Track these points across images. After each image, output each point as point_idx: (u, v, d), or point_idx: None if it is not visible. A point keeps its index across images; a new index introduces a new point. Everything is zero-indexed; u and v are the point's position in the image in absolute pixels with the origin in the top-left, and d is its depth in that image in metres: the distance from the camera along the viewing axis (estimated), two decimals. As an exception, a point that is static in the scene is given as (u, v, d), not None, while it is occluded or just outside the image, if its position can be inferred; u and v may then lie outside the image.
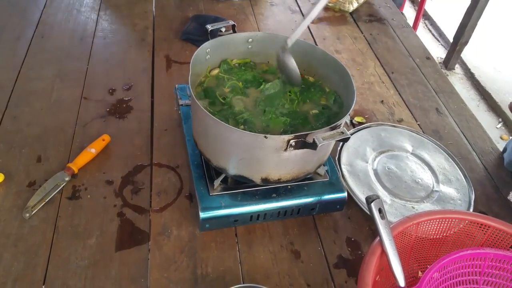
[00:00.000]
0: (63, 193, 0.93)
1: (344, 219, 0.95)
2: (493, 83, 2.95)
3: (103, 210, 0.91)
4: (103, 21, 1.46)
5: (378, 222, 0.70)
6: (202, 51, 0.90)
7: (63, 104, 1.14)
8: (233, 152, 0.81)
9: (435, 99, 1.31)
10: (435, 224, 0.79)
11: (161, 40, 1.40)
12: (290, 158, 0.79)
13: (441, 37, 3.40)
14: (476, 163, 1.12)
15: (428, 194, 1.00)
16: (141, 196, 0.95)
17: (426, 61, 1.47)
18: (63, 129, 1.07)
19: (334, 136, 0.72)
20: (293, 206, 0.89)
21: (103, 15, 1.49)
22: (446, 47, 3.26)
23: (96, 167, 0.99)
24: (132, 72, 1.27)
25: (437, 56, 3.19)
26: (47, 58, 1.29)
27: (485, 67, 3.09)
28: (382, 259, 0.71)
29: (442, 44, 3.36)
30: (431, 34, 3.48)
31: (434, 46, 3.34)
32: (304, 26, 0.87)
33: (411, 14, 3.42)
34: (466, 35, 2.83)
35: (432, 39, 3.44)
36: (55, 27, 1.41)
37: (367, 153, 1.07)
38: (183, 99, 1.06)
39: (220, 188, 0.87)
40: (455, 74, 3.09)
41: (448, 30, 3.29)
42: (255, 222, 0.90)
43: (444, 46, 3.30)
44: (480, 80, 2.97)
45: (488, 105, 2.85)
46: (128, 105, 1.16)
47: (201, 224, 0.85)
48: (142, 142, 1.06)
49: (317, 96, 0.93)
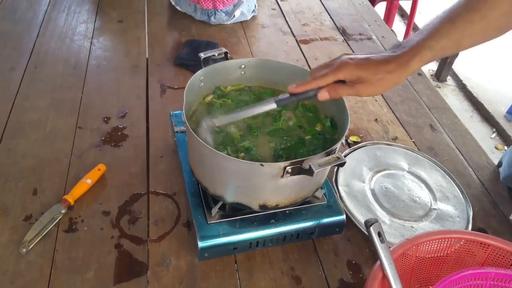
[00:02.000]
0: (59, 226, 0.93)
1: (344, 241, 0.95)
2: (485, 94, 2.98)
3: (101, 242, 0.90)
4: (96, 49, 1.47)
5: (378, 246, 0.70)
6: (196, 79, 0.91)
7: (58, 134, 1.14)
8: (230, 181, 0.81)
9: (429, 115, 1.32)
10: (434, 244, 0.79)
11: (154, 66, 1.41)
12: (287, 184, 0.79)
13: (432, 50, 3.43)
14: (472, 179, 1.13)
15: (426, 212, 1.00)
16: (139, 226, 0.94)
17: (418, 77, 1.48)
18: (58, 160, 1.07)
19: (330, 161, 0.73)
20: (292, 231, 0.88)
21: (96, 42, 1.50)
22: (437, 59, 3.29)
23: (92, 198, 0.99)
24: (127, 99, 1.27)
25: (429, 68, 3.23)
26: (41, 88, 1.29)
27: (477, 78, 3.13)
28: (383, 283, 0.71)
29: (432, 56, 3.40)
30: (422, 47, 3.52)
31: (425, 59, 3.38)
32: (235, 118, 0.84)
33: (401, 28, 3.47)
34: (456, 47, 2.86)
35: (423, 51, 3.47)
36: (48, 56, 1.42)
37: (364, 173, 1.08)
38: (178, 125, 1.07)
39: (218, 216, 0.87)
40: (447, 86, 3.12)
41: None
42: (255, 248, 0.89)
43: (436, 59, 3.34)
44: (472, 91, 3.01)
45: (481, 116, 2.88)
46: (123, 133, 1.16)
47: (200, 254, 0.84)
48: (138, 170, 1.06)
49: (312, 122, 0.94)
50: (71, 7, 1.68)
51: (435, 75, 3.14)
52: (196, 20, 1.64)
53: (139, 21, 1.62)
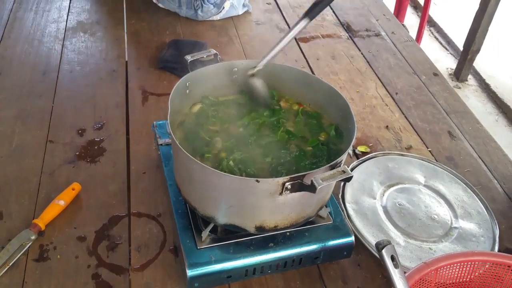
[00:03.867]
0: (29, 255, 0.93)
1: (353, 267, 0.95)
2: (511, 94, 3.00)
3: (76, 272, 0.90)
4: (68, 52, 1.48)
5: (391, 271, 0.71)
6: (182, 84, 0.92)
7: (26, 150, 1.15)
8: (222, 199, 0.81)
9: (447, 121, 1.34)
10: (456, 268, 0.79)
11: (135, 70, 1.42)
12: (287, 202, 0.80)
13: (450, 45, 3.47)
14: (498, 192, 1.14)
15: (446, 232, 1.01)
16: (119, 252, 0.94)
17: (434, 78, 1.50)
18: (27, 179, 1.07)
19: (334, 176, 0.73)
20: (294, 255, 0.89)
21: (68, 45, 1.51)
22: (456, 56, 3.32)
23: (66, 222, 0.99)
24: (104, 109, 1.28)
25: (447, 67, 3.25)
26: (6, 97, 1.30)
27: (501, 76, 3.15)
28: (399, 314, 0.71)
29: (451, 53, 3.43)
30: (438, 43, 3.55)
31: (443, 56, 3.41)
32: (274, 52, 0.94)
33: (414, 21, 3.50)
34: (477, 42, 2.89)
35: (440, 48, 3.51)
36: (14, 62, 1.43)
37: (374, 187, 1.08)
38: (163, 137, 1.07)
39: (209, 240, 0.87)
40: (468, 86, 3.14)
41: (457, 37, 3.36)
42: (252, 277, 0.90)
43: (454, 55, 3.37)
44: (496, 91, 3.02)
45: (508, 119, 2.89)
46: (101, 147, 1.17)
47: (189, 283, 0.85)
48: (118, 189, 1.07)
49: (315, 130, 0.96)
50: (39, 5, 1.69)
51: (454, 74, 3.16)
52: (181, 17, 1.66)
53: (117, 20, 1.64)
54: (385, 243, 0.72)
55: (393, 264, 0.71)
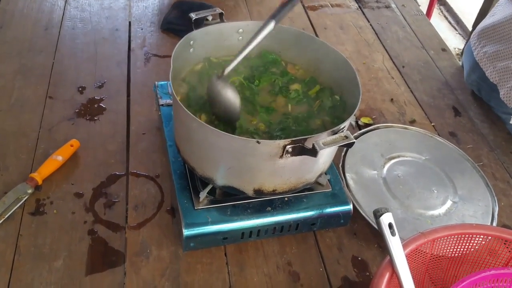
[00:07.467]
0: (25, 208, 0.93)
1: (349, 235, 0.95)
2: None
3: (72, 227, 0.91)
4: (71, 8, 1.46)
5: (388, 239, 0.71)
6: (185, 42, 0.90)
7: (25, 105, 1.14)
8: (221, 160, 0.81)
9: (452, 97, 1.32)
10: (453, 240, 0.79)
11: (138, 30, 1.40)
12: (287, 166, 0.79)
13: (459, 25, 3.43)
14: (498, 170, 1.13)
15: (445, 205, 1.01)
16: (116, 210, 0.94)
17: (442, 53, 1.48)
18: (25, 134, 1.07)
19: (336, 141, 0.72)
20: (290, 221, 0.89)
21: (71, 1, 1.49)
22: (464, 36, 3.28)
23: (63, 178, 0.99)
24: (105, 67, 1.27)
25: (455, 46, 3.21)
26: (7, 51, 1.28)
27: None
28: (393, 282, 0.71)
29: (460, 33, 3.39)
30: (447, 22, 3.51)
31: (451, 36, 3.37)
32: (239, 59, 0.83)
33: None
34: (487, 23, 2.85)
35: (449, 27, 3.46)
36: (15, 16, 1.41)
37: (375, 159, 1.08)
38: (164, 98, 1.06)
39: (206, 201, 0.87)
40: (475, 67, 3.11)
41: (467, 17, 3.32)
42: (248, 239, 0.90)
43: (462, 36, 3.33)
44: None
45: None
46: (100, 105, 1.16)
47: (185, 243, 0.85)
48: (117, 148, 1.06)
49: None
50: (43, -41, 1.66)
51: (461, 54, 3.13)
52: (188, -21, 1.62)
53: (122, -22, 1.61)
54: (383, 210, 0.72)
55: (390, 231, 0.71)
